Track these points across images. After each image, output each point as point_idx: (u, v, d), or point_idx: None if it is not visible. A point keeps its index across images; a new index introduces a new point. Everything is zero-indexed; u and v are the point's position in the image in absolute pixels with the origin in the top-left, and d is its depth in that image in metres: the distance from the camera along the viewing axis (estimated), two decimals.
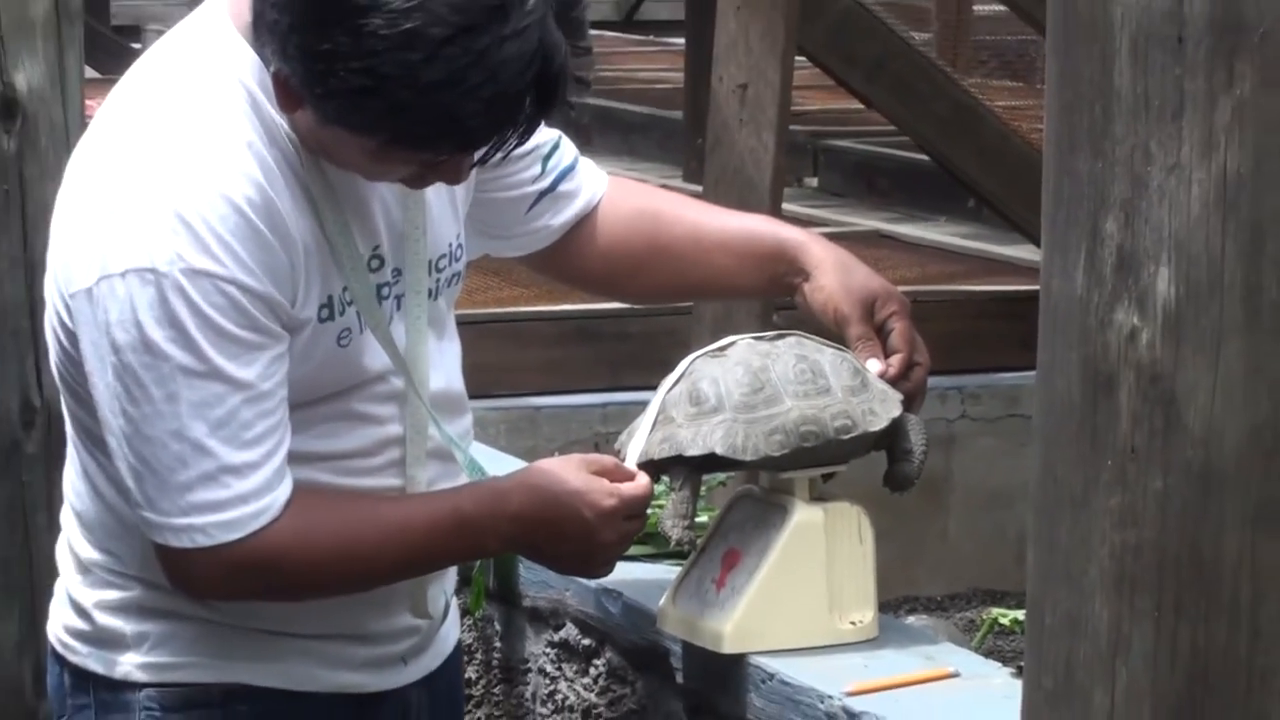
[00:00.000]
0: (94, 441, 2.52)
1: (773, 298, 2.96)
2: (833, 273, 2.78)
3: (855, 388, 2.65)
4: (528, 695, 3.12)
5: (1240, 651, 1.73)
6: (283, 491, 2.43)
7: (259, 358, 2.40)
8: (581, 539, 2.56)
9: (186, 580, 2.47)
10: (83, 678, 2.61)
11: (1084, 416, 1.74)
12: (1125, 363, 1.71)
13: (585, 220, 2.84)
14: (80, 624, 2.61)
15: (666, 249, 2.88)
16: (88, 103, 4.57)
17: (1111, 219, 1.71)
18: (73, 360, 2.49)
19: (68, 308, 2.46)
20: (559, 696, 3.03)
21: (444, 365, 2.66)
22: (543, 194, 2.79)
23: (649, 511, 2.78)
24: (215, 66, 2.48)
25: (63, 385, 2.58)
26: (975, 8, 6.97)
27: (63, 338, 2.51)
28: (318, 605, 2.57)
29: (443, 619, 2.71)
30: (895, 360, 2.72)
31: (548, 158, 2.79)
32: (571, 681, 3.02)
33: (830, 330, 2.75)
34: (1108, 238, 1.71)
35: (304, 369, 2.47)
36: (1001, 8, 4.37)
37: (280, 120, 2.43)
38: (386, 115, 2.33)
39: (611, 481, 2.56)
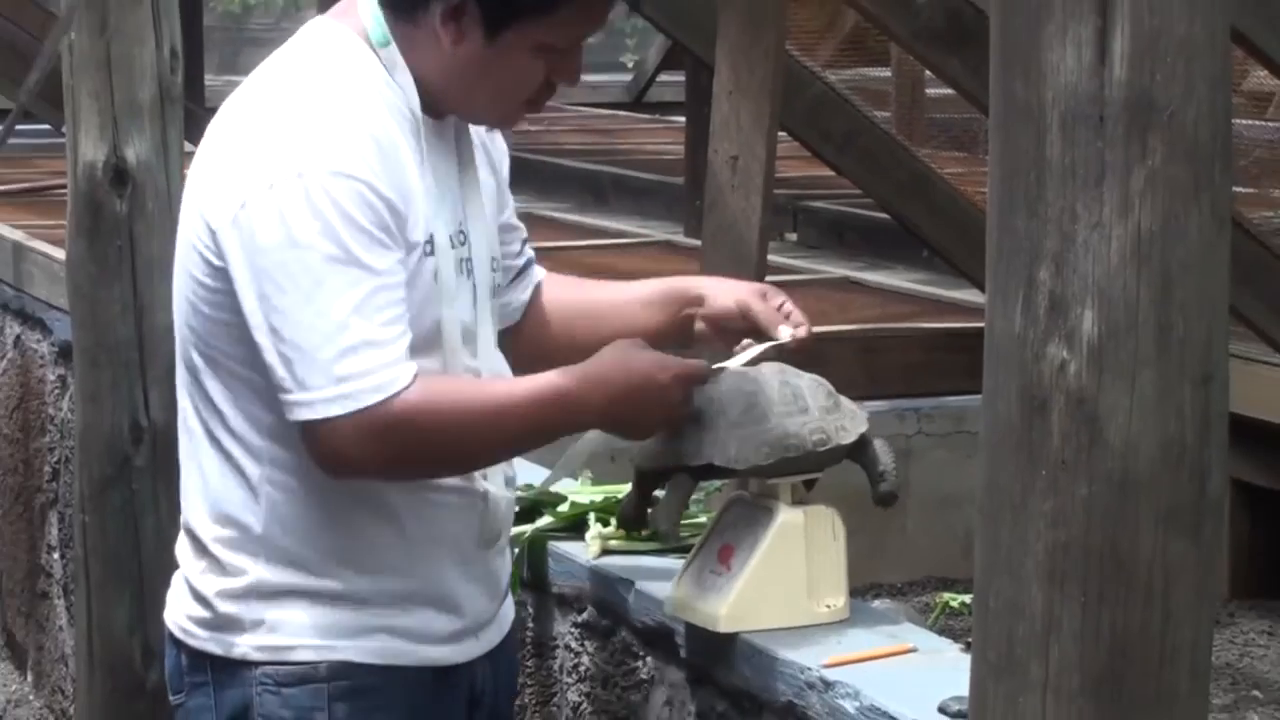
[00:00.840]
0: (228, 400, 2.50)
1: (683, 337, 2.93)
2: (722, 285, 2.81)
3: (829, 407, 2.65)
4: (556, 667, 3.11)
5: (1153, 631, 1.73)
6: (411, 365, 2.40)
7: (388, 255, 2.39)
8: (658, 402, 2.55)
9: (333, 451, 2.41)
10: (200, 658, 2.56)
11: (1021, 434, 1.74)
12: (1056, 389, 1.71)
13: (535, 299, 2.83)
14: (201, 612, 2.55)
15: (591, 310, 2.85)
16: (186, 172, 4.58)
17: (1044, 269, 1.71)
18: (211, 304, 2.47)
19: (215, 247, 2.44)
20: (582, 668, 3.03)
21: (502, 364, 2.67)
22: (521, 270, 2.80)
23: (652, 514, 2.78)
24: (344, 50, 2.51)
25: (195, 342, 2.53)
26: (928, 91, 6.95)
27: (199, 286, 2.48)
28: (415, 572, 2.54)
29: (503, 598, 2.69)
30: (803, 327, 2.71)
31: (525, 241, 2.82)
32: (592, 655, 3.01)
33: (738, 330, 2.74)
34: (1041, 284, 1.71)
35: (411, 297, 2.45)
36: (950, 91, 4.38)
37: (400, 99, 2.48)
38: None
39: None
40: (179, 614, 2.61)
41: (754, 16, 3.87)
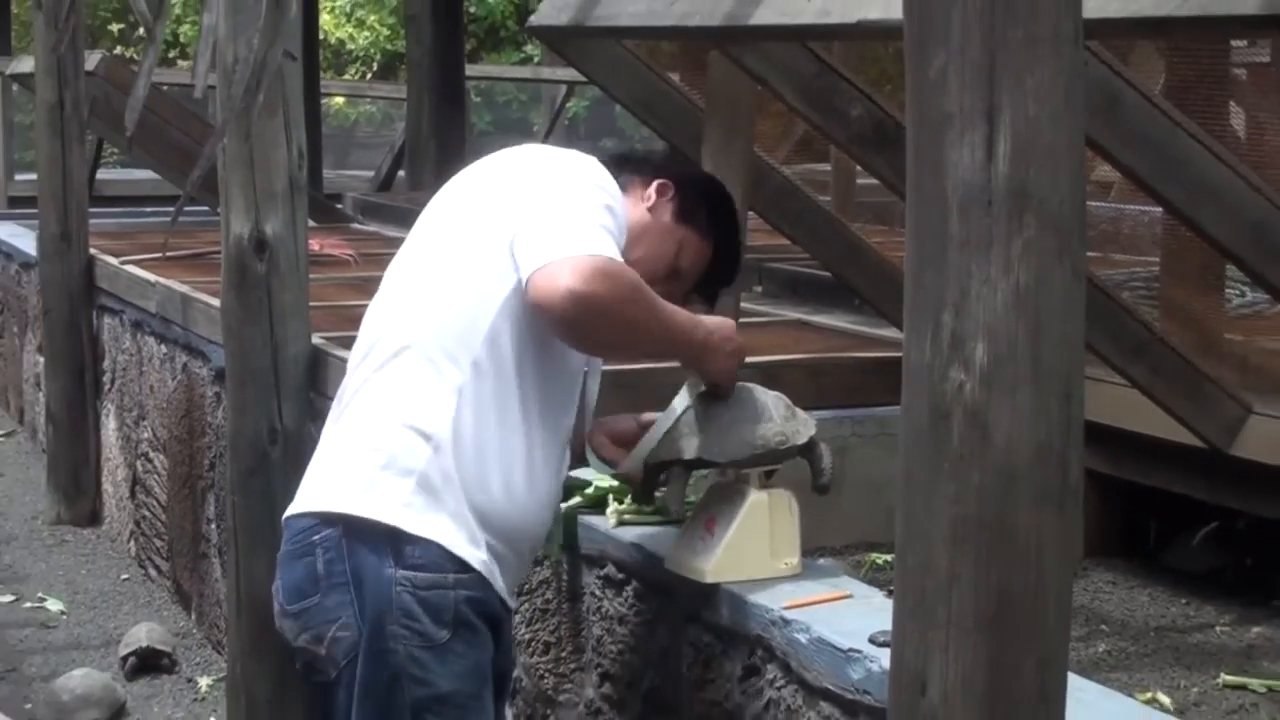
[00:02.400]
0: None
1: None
2: None
3: (788, 416, 2.64)
4: (584, 609, 3.10)
5: (1029, 583, 1.73)
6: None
7: None
8: (731, 351, 2.53)
9: (570, 281, 2.27)
10: (339, 564, 2.35)
11: (930, 436, 1.74)
12: (956, 403, 1.71)
13: None
14: (376, 492, 2.35)
15: None
16: (310, 241, 4.58)
17: (947, 313, 1.70)
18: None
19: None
20: (603, 610, 3.02)
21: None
22: None
23: (657, 495, 2.77)
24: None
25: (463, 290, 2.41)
26: (858, 181, 6.95)
27: (496, 257, 2.38)
28: (530, 518, 2.46)
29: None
30: None
31: None
32: (611, 600, 3.00)
33: None
34: (945, 325, 1.71)
35: None
36: (875, 181, 4.37)
37: None
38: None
39: None
40: (342, 498, 2.38)
41: (730, 127, 3.88)
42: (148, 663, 4.77)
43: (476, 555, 2.38)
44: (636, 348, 2.59)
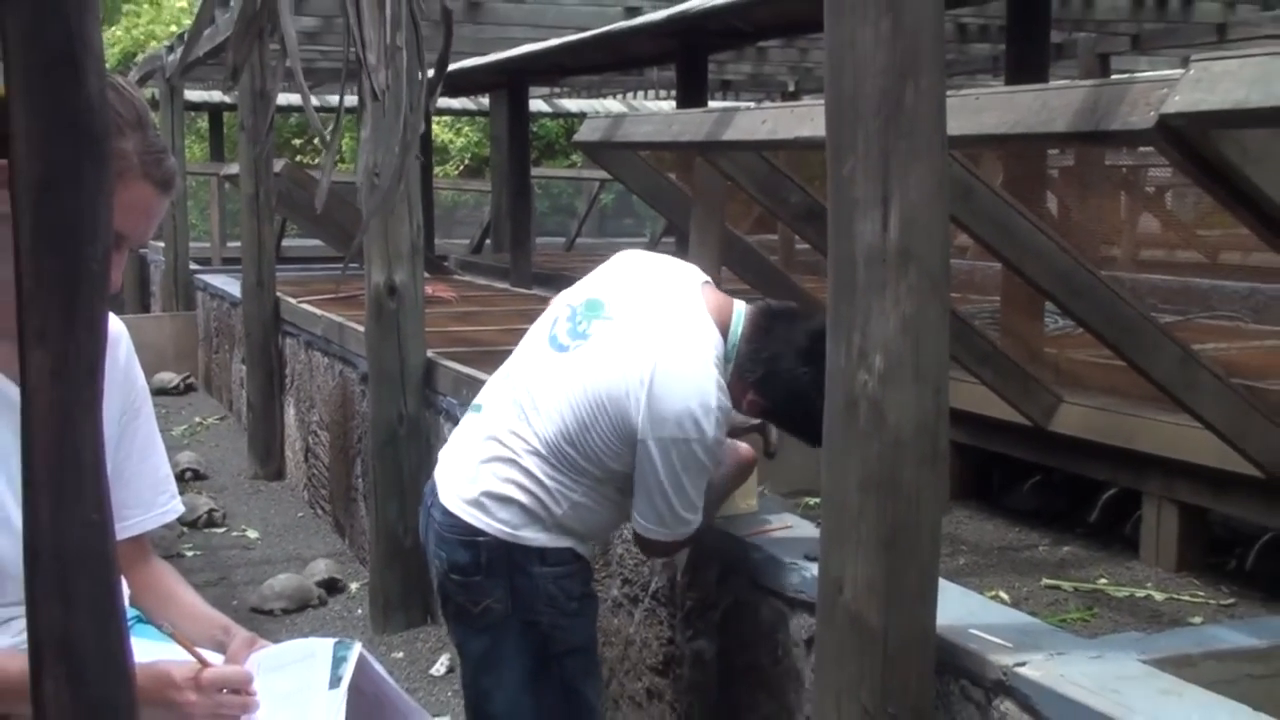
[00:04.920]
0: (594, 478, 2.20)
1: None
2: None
3: None
4: (610, 536, 3.09)
5: (912, 518, 1.73)
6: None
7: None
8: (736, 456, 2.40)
9: (655, 549, 2.25)
10: (501, 556, 2.22)
11: (844, 418, 1.73)
12: (862, 395, 1.71)
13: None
14: (525, 528, 2.23)
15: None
16: (425, 287, 4.59)
17: (856, 333, 1.70)
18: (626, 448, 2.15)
19: (632, 424, 2.12)
20: (623, 535, 3.01)
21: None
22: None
23: None
24: (711, 360, 2.17)
25: (600, 445, 2.16)
26: (797, 246, 6.93)
27: (615, 438, 2.15)
28: (597, 535, 2.36)
29: None
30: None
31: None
32: (628, 529, 2.99)
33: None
34: (854, 342, 1.71)
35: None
36: (808, 246, 4.36)
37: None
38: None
39: None
40: (506, 528, 2.23)
41: (709, 209, 3.88)
42: (326, 587, 4.81)
43: (587, 551, 2.35)
44: None
